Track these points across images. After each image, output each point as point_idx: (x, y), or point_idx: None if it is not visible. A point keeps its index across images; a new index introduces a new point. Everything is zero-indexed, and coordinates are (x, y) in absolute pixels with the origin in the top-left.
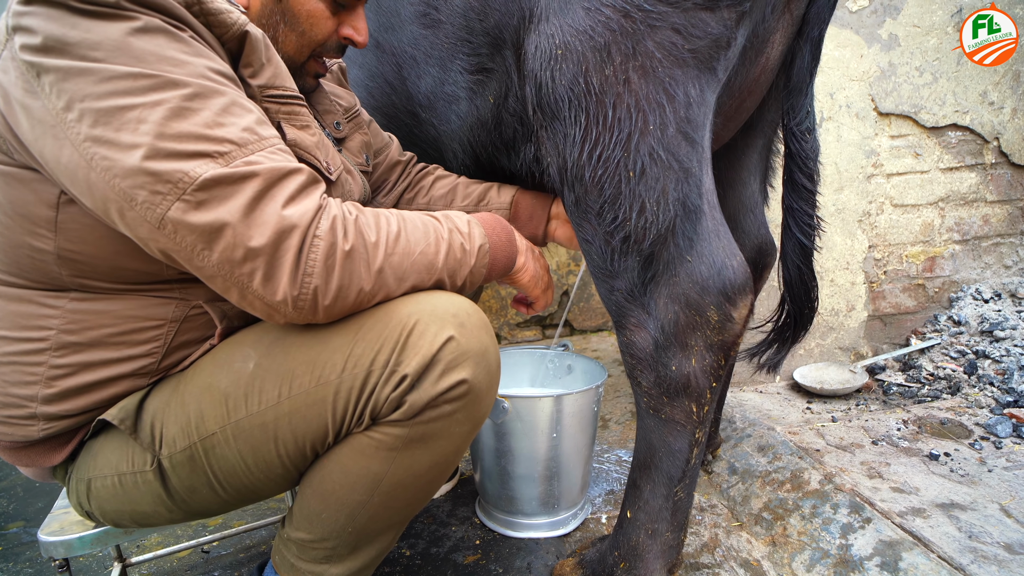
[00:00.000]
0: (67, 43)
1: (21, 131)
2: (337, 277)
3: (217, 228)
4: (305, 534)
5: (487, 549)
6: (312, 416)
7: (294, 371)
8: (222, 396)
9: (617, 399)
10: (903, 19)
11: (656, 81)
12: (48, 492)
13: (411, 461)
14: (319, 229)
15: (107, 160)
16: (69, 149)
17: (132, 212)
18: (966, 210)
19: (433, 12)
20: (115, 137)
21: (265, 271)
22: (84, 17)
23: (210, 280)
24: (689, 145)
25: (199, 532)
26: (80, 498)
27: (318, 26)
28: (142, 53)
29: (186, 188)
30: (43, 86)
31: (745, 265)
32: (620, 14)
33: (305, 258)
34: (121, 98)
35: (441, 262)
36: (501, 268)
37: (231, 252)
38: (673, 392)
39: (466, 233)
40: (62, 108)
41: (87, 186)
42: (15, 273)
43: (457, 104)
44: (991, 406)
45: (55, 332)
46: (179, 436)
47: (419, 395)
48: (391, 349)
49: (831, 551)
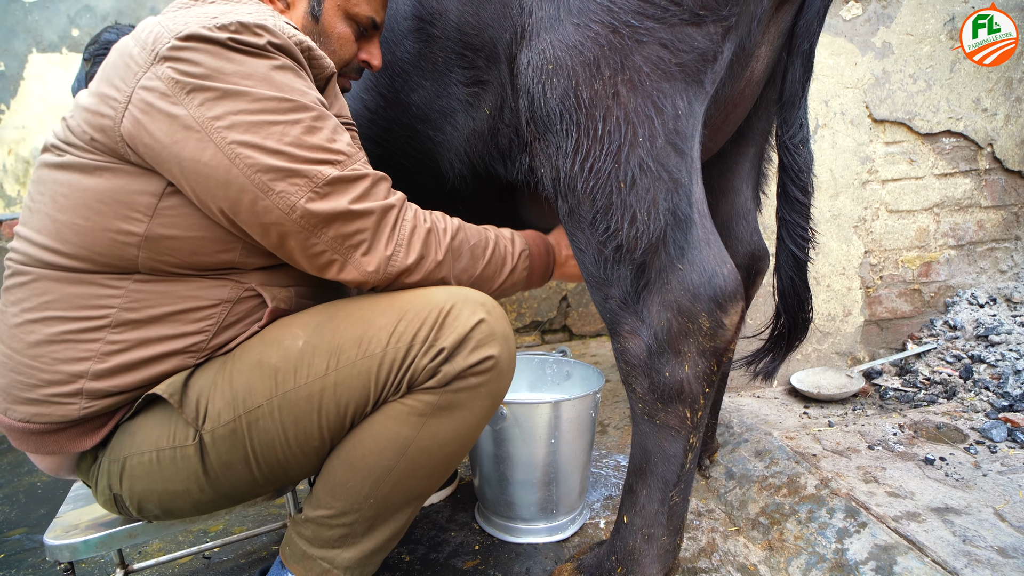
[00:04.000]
0: (224, 72)
1: (157, 133)
2: (418, 250)
3: (335, 213)
4: (325, 510)
5: (486, 554)
6: (357, 386)
7: (341, 347)
8: (272, 370)
9: (616, 404)
10: (896, 27)
11: (644, 94)
12: (50, 499)
13: (437, 428)
14: (406, 215)
15: (251, 159)
16: (213, 149)
17: (266, 200)
18: (961, 215)
19: (428, 27)
20: (262, 143)
21: (368, 244)
22: (238, 54)
23: (316, 256)
24: (678, 156)
25: (200, 539)
26: (111, 479)
27: (345, 47)
28: (281, 84)
29: (317, 183)
30: (192, 100)
31: (736, 272)
32: (608, 30)
33: (396, 234)
34: (270, 115)
35: (488, 257)
36: (540, 274)
37: (342, 228)
38: (667, 398)
39: (509, 239)
40: (212, 118)
41: (225, 179)
42: (83, 257)
43: (453, 116)
44: (987, 410)
45: (116, 310)
46: (224, 410)
47: (452, 366)
48: (431, 327)
49: (827, 556)
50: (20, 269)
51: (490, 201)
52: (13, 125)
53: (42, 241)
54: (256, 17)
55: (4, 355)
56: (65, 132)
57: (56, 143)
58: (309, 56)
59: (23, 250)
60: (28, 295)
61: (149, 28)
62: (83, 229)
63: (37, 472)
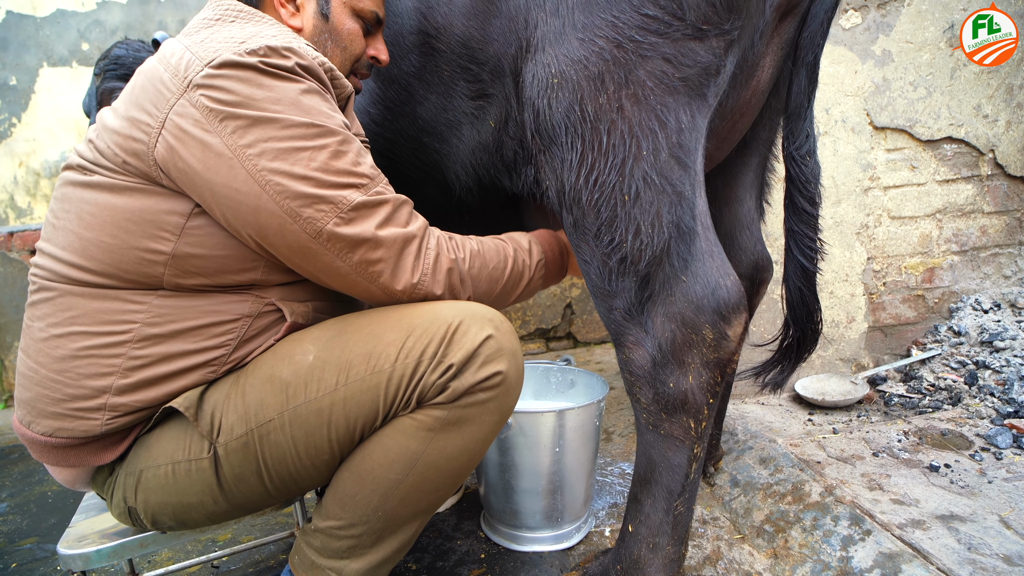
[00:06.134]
0: (255, 99)
1: (190, 159)
2: (444, 277)
3: (361, 238)
4: (334, 521)
5: (492, 563)
6: (366, 401)
7: (351, 362)
8: (283, 385)
9: (620, 412)
10: (896, 35)
11: (648, 108)
12: (60, 508)
13: (445, 443)
14: (429, 242)
15: (280, 185)
16: (244, 176)
17: (295, 225)
18: (964, 221)
19: (434, 41)
20: (290, 169)
21: (392, 269)
22: (268, 78)
23: (342, 276)
24: (682, 169)
25: (208, 548)
26: (127, 492)
27: (355, 43)
28: (308, 108)
29: (343, 209)
30: (225, 127)
31: (739, 284)
32: (613, 45)
33: (422, 260)
34: (298, 141)
35: (506, 277)
36: (555, 276)
37: (367, 254)
38: (671, 408)
39: (526, 249)
40: (244, 145)
41: (255, 205)
42: (109, 274)
43: (458, 128)
44: (992, 417)
45: (139, 325)
46: (237, 424)
47: (461, 382)
48: (439, 343)
49: (832, 563)
50: (45, 285)
51: (496, 212)
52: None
53: (68, 258)
54: (282, 40)
55: (31, 369)
56: (93, 153)
57: (82, 163)
58: (331, 76)
59: (48, 266)
60: (53, 310)
61: (178, 54)
62: (110, 247)
63: (47, 482)
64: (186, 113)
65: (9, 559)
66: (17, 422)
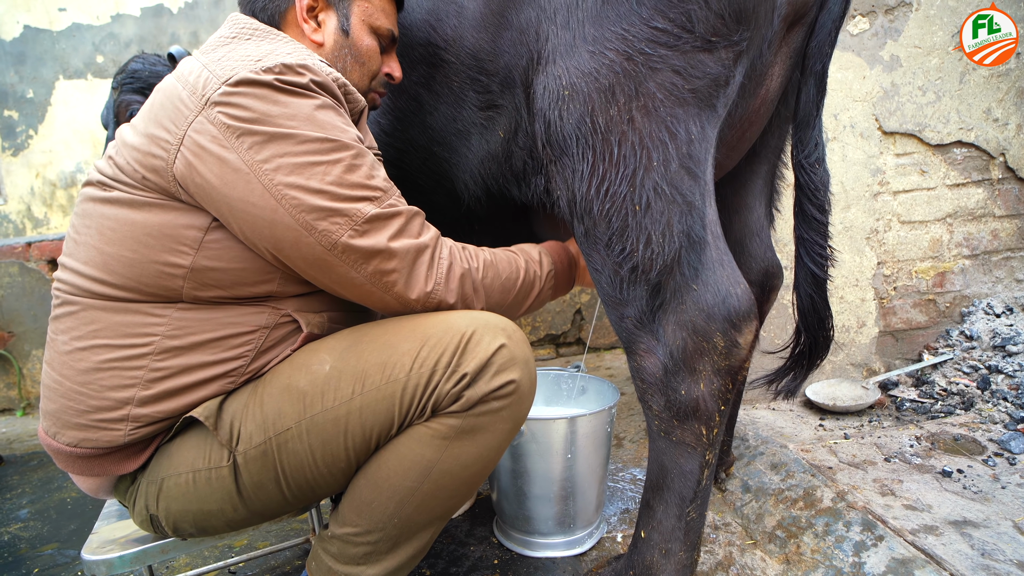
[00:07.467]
0: (271, 115)
1: (208, 175)
2: (457, 286)
3: (375, 250)
4: (351, 528)
5: (505, 569)
6: (381, 409)
7: (367, 371)
8: (300, 394)
9: (631, 417)
10: (904, 40)
11: (659, 120)
12: (80, 514)
13: (460, 451)
14: (441, 252)
15: (296, 199)
16: (261, 190)
17: (310, 238)
18: (974, 225)
19: (444, 53)
20: (306, 183)
21: (405, 279)
22: (284, 94)
23: (357, 287)
24: (692, 179)
25: (225, 553)
26: (148, 500)
27: (373, 60)
28: (323, 123)
29: (357, 221)
30: (242, 143)
31: (749, 292)
32: (623, 57)
33: (435, 270)
34: (312, 156)
35: (518, 287)
36: (564, 287)
37: (381, 265)
38: (683, 415)
39: (537, 261)
40: (260, 160)
41: (272, 218)
42: (130, 288)
43: (468, 138)
44: (1005, 422)
45: (159, 338)
46: (256, 432)
47: (475, 391)
48: (453, 352)
49: (844, 569)
50: (68, 299)
51: (505, 221)
52: (41, 149)
53: (89, 272)
54: (296, 57)
55: (55, 381)
56: (113, 169)
57: (102, 179)
58: (345, 91)
59: (71, 281)
60: (77, 324)
61: (196, 72)
62: (131, 261)
63: (67, 488)
64: (204, 130)
65: (32, 564)
66: (43, 433)
